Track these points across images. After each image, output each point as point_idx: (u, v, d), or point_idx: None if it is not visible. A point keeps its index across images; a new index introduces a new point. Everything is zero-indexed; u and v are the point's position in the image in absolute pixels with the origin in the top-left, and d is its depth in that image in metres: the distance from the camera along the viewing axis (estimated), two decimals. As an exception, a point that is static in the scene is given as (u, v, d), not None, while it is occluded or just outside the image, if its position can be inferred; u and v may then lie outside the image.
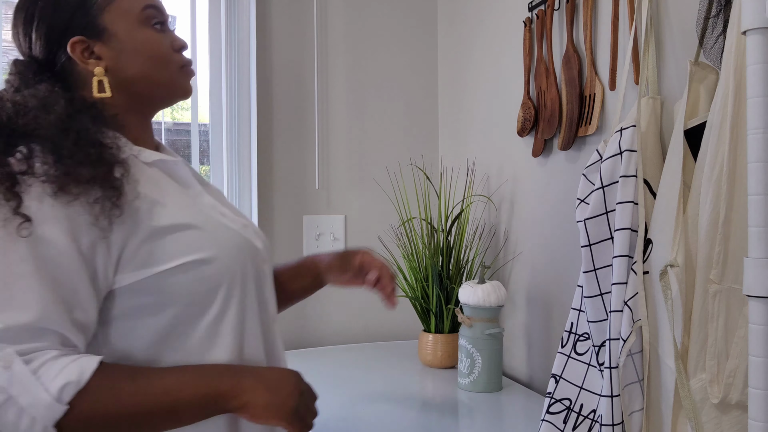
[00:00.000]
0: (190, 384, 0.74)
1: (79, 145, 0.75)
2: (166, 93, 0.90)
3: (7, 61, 1.23)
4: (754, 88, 0.71)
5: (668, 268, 0.94)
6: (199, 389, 0.74)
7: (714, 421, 0.89)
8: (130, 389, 0.71)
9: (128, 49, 0.85)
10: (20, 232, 0.69)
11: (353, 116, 2.05)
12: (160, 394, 0.72)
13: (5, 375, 0.65)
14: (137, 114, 0.88)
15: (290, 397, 0.78)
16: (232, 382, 0.75)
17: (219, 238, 0.82)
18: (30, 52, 0.86)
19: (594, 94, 1.33)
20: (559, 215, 1.49)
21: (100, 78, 0.83)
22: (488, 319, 1.47)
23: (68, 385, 0.67)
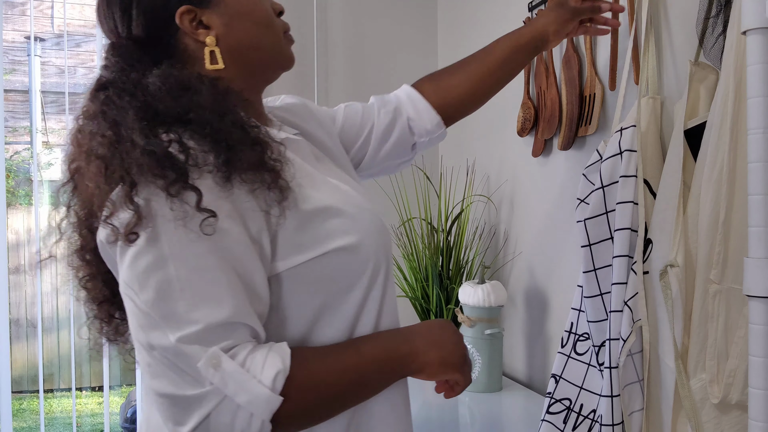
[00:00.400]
0: (373, 357, 0.74)
1: (235, 128, 0.70)
2: (274, 61, 0.84)
3: (8, 61, 1.21)
4: (754, 88, 0.71)
5: (668, 268, 0.94)
6: (382, 362, 0.74)
7: (714, 421, 0.89)
8: (324, 369, 0.70)
9: (236, 15, 0.79)
10: (205, 229, 0.64)
11: (353, 116, 2.05)
12: (350, 370, 0.72)
13: (217, 375, 0.63)
14: (251, 88, 0.82)
15: (457, 347, 0.79)
16: (407, 348, 0.76)
17: (361, 220, 0.77)
18: (128, 32, 0.77)
19: (594, 94, 1.33)
20: (559, 215, 1.49)
21: (212, 48, 0.77)
22: (488, 319, 1.47)
23: (279, 374, 0.65)
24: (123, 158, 0.66)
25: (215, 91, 0.73)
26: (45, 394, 4.29)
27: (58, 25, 4.77)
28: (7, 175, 4.24)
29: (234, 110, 0.73)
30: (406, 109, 1.10)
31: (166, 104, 0.70)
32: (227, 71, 0.78)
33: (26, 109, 4.68)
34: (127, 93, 0.71)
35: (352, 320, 0.77)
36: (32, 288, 4.18)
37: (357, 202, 0.79)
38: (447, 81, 1.12)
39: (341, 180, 0.84)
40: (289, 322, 0.74)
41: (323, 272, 0.73)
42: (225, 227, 0.66)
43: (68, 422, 3.99)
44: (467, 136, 1.95)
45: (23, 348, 4.24)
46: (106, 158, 0.67)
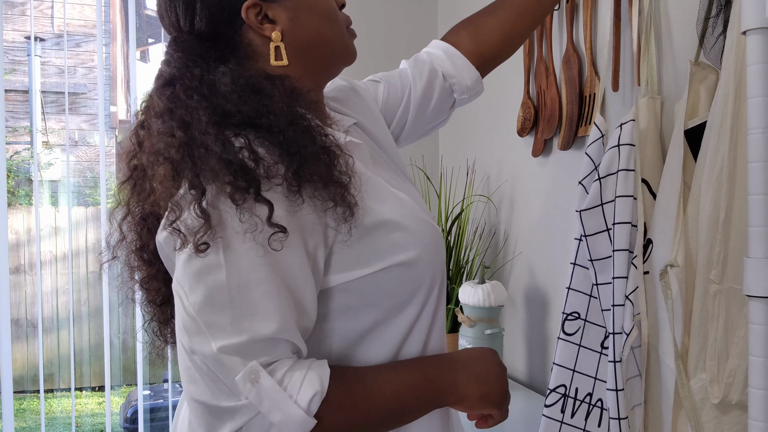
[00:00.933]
0: (413, 385, 0.71)
1: (307, 137, 0.68)
2: (339, 56, 0.81)
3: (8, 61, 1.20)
4: (754, 88, 0.71)
5: (668, 268, 0.94)
6: (421, 390, 0.72)
7: (714, 421, 0.89)
8: (362, 394, 0.68)
9: (303, 9, 0.76)
10: (273, 245, 0.63)
11: (353, 116, 2.05)
12: (388, 397, 0.69)
13: (253, 390, 0.61)
14: (316, 85, 0.80)
15: (499, 382, 0.76)
16: (449, 379, 0.73)
17: (420, 234, 0.74)
18: (191, 26, 0.74)
19: (594, 94, 1.33)
20: (559, 215, 1.49)
21: (277, 44, 0.74)
22: (488, 319, 1.47)
23: (315, 396, 0.63)
24: (196, 163, 0.64)
25: (286, 94, 0.71)
26: (45, 394, 4.30)
27: (58, 25, 4.77)
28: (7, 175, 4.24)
29: (304, 116, 0.70)
30: (443, 67, 1.03)
31: (237, 106, 0.67)
32: (292, 68, 0.76)
33: (26, 109, 4.69)
34: (196, 91, 0.68)
35: (402, 338, 0.74)
36: (32, 288, 4.18)
37: (417, 214, 0.76)
38: (484, 28, 1.06)
39: (400, 187, 0.80)
40: (334, 337, 0.72)
41: (378, 288, 0.71)
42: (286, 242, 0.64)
43: (68, 422, 4.00)
44: (467, 136, 1.95)
45: (23, 348, 4.24)
46: (176, 161, 0.65)
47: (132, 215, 0.74)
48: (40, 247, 4.12)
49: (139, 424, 2.22)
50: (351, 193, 0.68)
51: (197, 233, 0.63)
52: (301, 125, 0.68)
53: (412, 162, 2.08)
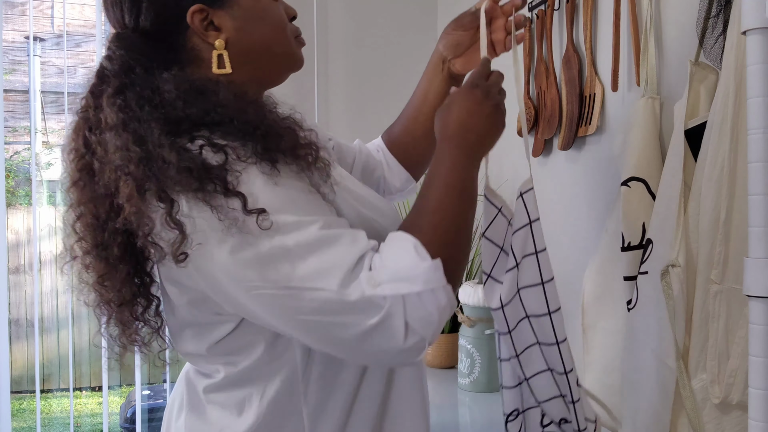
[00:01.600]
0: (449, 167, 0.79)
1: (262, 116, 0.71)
2: (284, 64, 0.83)
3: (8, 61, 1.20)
4: (754, 88, 0.71)
5: (669, 268, 0.94)
6: (458, 166, 0.80)
7: (715, 422, 0.89)
8: (433, 215, 0.74)
9: (250, 17, 0.76)
10: (262, 224, 0.65)
11: (353, 116, 2.05)
12: (447, 196, 0.77)
13: (384, 288, 0.65)
14: (258, 90, 0.81)
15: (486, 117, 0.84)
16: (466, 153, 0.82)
17: (390, 212, 0.84)
18: (136, 24, 0.74)
19: (594, 94, 1.33)
20: (558, 215, 1.49)
21: (220, 52, 0.75)
22: (488, 319, 1.47)
23: (416, 247, 0.68)
24: (158, 177, 0.65)
25: (232, 91, 0.72)
26: (44, 394, 4.29)
27: (58, 25, 4.77)
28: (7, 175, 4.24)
29: (255, 102, 0.72)
30: (379, 166, 1.12)
31: (184, 111, 0.68)
32: (235, 75, 0.76)
33: (26, 109, 4.69)
34: (147, 102, 0.69)
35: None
36: (32, 288, 4.18)
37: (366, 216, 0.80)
38: (395, 130, 1.17)
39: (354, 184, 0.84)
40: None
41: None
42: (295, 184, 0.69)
43: (67, 422, 3.99)
44: (467, 136, 1.95)
45: (23, 348, 4.24)
46: (138, 177, 0.66)
47: (84, 216, 0.74)
48: (40, 247, 4.12)
49: (137, 425, 2.23)
50: (322, 154, 0.72)
51: (174, 244, 0.64)
52: (252, 109, 0.71)
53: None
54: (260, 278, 0.65)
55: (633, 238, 1.09)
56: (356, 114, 2.05)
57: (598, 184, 1.34)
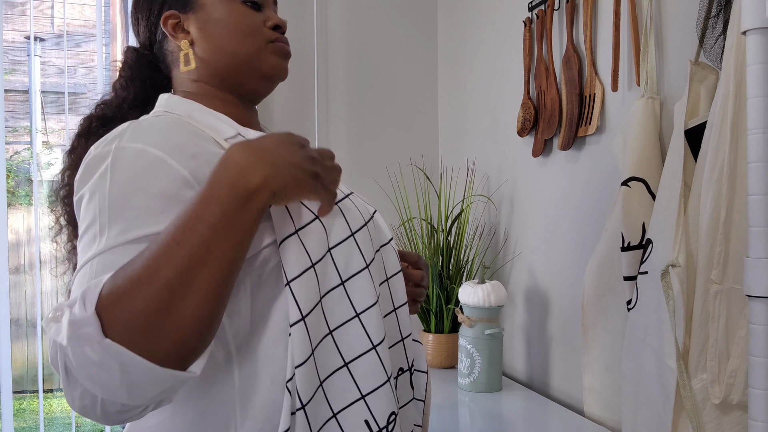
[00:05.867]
0: (187, 217, 0.59)
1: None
2: (250, 69, 0.82)
3: (8, 61, 1.25)
4: (754, 88, 0.71)
5: (670, 268, 0.94)
6: (196, 215, 0.59)
7: (715, 422, 0.89)
8: (135, 262, 0.58)
9: (212, 20, 0.81)
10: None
11: (353, 116, 2.05)
12: (175, 247, 0.57)
13: (53, 328, 0.57)
14: (234, 95, 0.83)
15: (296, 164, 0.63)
16: (221, 188, 0.60)
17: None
18: (138, 37, 0.86)
19: (594, 94, 1.33)
20: (559, 215, 1.49)
21: (186, 51, 0.81)
22: (488, 319, 1.47)
23: (87, 293, 0.56)
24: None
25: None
26: (45, 394, 4.29)
27: (58, 25, 4.77)
28: (7, 175, 4.24)
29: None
30: None
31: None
32: (200, 73, 0.82)
33: (26, 109, 4.68)
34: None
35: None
36: (32, 288, 4.18)
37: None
38: None
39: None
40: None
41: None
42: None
43: (68, 422, 3.99)
44: (467, 136, 1.95)
45: (23, 348, 4.24)
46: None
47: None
48: (40, 247, 4.12)
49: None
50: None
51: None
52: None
53: (412, 162, 2.08)
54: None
55: (633, 238, 1.09)
56: (356, 114, 2.05)
57: (598, 184, 1.34)
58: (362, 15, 2.06)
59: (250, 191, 0.60)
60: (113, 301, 0.56)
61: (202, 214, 0.58)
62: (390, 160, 2.06)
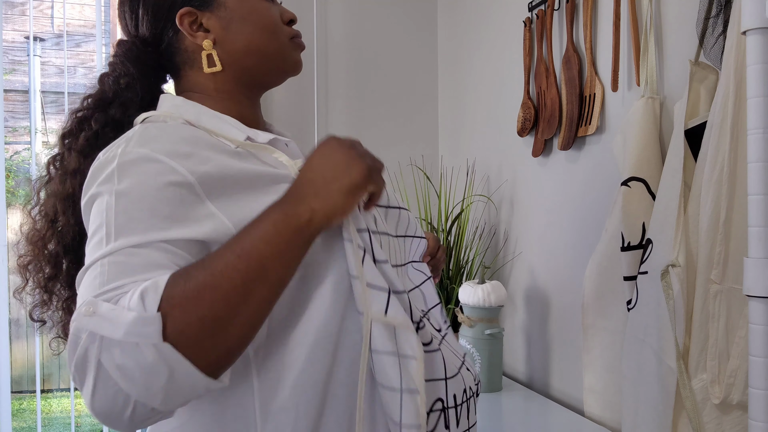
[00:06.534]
0: (261, 235, 0.62)
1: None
2: (276, 66, 0.83)
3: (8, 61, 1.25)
4: (754, 88, 0.71)
5: (670, 268, 0.94)
6: (271, 234, 0.62)
7: (715, 422, 0.89)
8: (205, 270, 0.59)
9: (237, 19, 0.79)
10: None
11: (353, 116, 2.05)
12: (237, 259, 0.60)
13: (88, 321, 0.56)
14: (248, 92, 0.83)
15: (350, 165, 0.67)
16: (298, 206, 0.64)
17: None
18: (136, 30, 0.80)
19: (594, 94, 1.33)
20: (559, 215, 1.49)
21: (209, 52, 0.78)
22: (488, 319, 1.47)
23: (145, 293, 0.56)
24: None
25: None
26: (44, 394, 4.29)
27: (58, 25, 4.77)
28: (7, 175, 4.24)
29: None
30: None
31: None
32: (225, 74, 0.80)
33: (26, 109, 4.69)
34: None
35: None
36: (32, 288, 4.18)
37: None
38: None
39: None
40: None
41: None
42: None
43: (67, 422, 3.99)
44: (467, 136, 1.95)
45: (23, 348, 4.24)
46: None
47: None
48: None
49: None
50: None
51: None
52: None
53: (412, 162, 2.08)
54: None
55: (633, 238, 1.09)
56: (356, 114, 2.05)
57: (598, 184, 1.34)
58: (362, 14, 2.06)
59: (301, 223, 0.63)
60: (175, 305, 0.57)
61: (261, 234, 0.62)
62: (390, 160, 2.06)
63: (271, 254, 0.61)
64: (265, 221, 0.63)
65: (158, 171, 0.65)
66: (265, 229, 0.62)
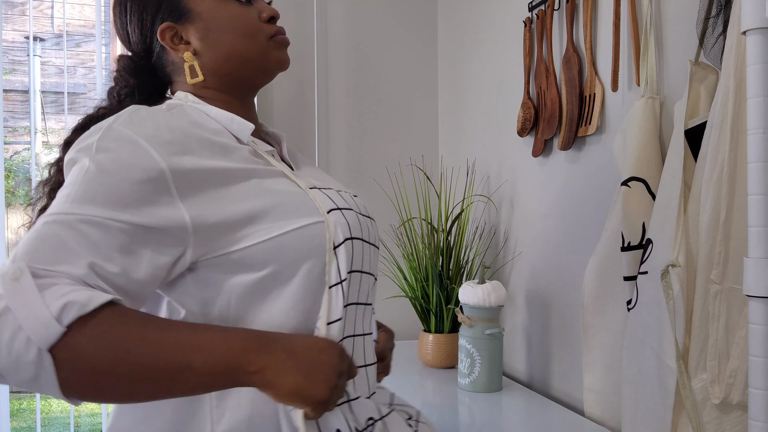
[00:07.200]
0: (208, 345, 0.61)
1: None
2: (260, 68, 0.84)
3: (8, 61, 1.27)
4: (754, 88, 0.71)
5: (670, 267, 0.94)
6: (216, 354, 0.61)
7: (715, 422, 0.89)
8: (137, 333, 0.60)
9: (214, 28, 0.81)
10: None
11: (353, 116, 2.05)
12: (170, 347, 0.60)
13: (10, 286, 0.57)
14: (237, 95, 0.85)
15: (325, 385, 0.65)
16: (259, 357, 0.63)
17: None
18: (130, 46, 0.85)
19: (594, 94, 1.33)
20: (559, 215, 1.49)
21: (191, 63, 0.81)
22: (488, 319, 1.47)
23: (70, 306, 0.57)
24: None
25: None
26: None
27: (58, 25, 4.77)
28: (7, 175, 4.24)
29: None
30: None
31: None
32: (210, 82, 0.82)
33: (26, 109, 4.69)
34: None
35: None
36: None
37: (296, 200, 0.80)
38: None
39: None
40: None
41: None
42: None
43: (67, 422, 3.99)
44: (467, 136, 1.95)
45: (23, 348, 4.24)
46: None
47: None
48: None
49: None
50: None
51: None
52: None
53: (412, 162, 2.08)
54: None
55: (633, 238, 1.09)
56: (356, 114, 2.05)
57: (598, 184, 1.34)
58: (362, 14, 2.06)
59: (245, 369, 0.62)
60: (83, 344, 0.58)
61: (198, 355, 0.61)
62: (390, 160, 2.06)
63: (200, 369, 0.61)
64: (225, 340, 0.63)
65: (132, 153, 0.66)
66: (217, 348, 0.62)
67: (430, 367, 1.70)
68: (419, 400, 1.45)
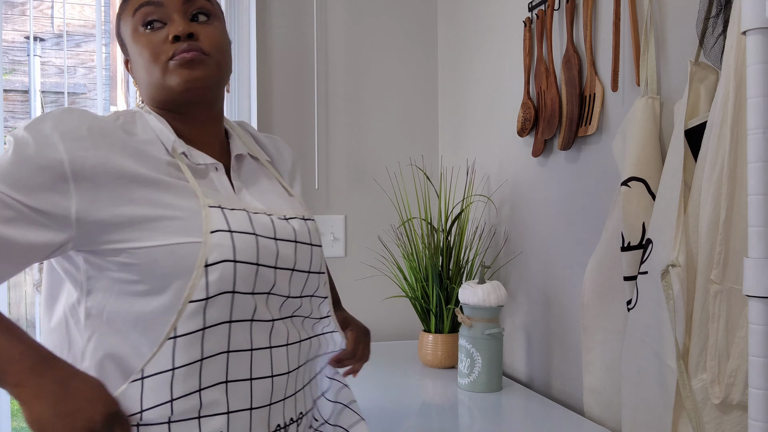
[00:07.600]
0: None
1: None
2: (166, 94, 0.85)
3: (8, 61, 1.32)
4: (754, 88, 0.71)
5: (670, 268, 0.94)
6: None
7: (715, 422, 0.89)
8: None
9: (134, 59, 0.88)
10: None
11: (353, 116, 2.05)
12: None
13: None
14: (175, 115, 0.89)
15: (67, 421, 0.67)
16: (23, 372, 0.68)
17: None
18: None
19: (594, 94, 1.33)
20: (559, 215, 1.49)
21: (137, 89, 0.90)
22: (488, 319, 1.47)
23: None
24: None
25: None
26: (45, 394, 4.28)
27: (58, 25, 4.76)
28: (7, 175, 4.23)
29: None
30: None
31: None
32: (149, 102, 0.89)
33: (26, 109, 4.68)
34: None
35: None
36: (32, 287, 4.18)
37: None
38: None
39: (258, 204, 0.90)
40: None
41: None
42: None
43: (68, 422, 3.99)
44: (467, 136, 1.95)
45: (23, 348, 4.23)
46: None
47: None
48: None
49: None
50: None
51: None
52: None
53: (412, 162, 2.08)
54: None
55: (633, 238, 1.09)
56: (356, 114, 2.05)
57: (598, 184, 1.34)
58: (362, 15, 2.06)
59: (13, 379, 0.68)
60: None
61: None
62: (390, 160, 2.06)
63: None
64: (10, 343, 0.69)
65: (43, 143, 0.74)
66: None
67: (430, 367, 1.70)
68: (419, 400, 1.45)
